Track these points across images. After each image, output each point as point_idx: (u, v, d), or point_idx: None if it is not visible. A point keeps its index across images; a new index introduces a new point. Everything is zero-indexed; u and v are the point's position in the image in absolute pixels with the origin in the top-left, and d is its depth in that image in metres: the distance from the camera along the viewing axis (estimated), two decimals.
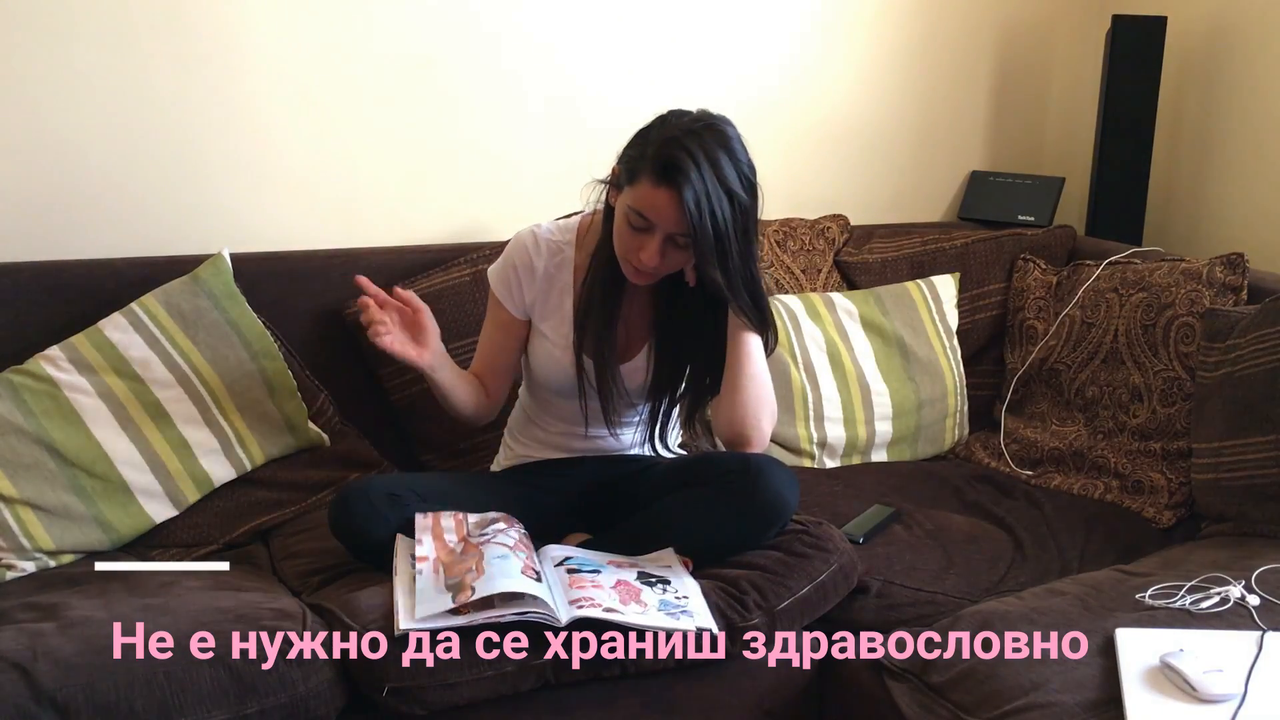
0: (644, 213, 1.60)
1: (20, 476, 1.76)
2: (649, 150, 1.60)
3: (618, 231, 1.67)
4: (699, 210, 1.56)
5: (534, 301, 1.82)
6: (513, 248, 1.82)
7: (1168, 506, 2.05)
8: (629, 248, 1.65)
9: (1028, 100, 2.87)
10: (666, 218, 1.59)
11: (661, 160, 1.57)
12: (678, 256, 1.65)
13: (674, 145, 1.57)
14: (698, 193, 1.56)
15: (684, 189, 1.55)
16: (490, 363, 1.88)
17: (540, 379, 1.85)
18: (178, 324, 1.94)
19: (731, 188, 1.58)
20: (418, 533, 1.61)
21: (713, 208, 1.57)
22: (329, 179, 2.24)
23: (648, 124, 1.66)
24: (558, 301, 1.80)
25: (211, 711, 1.40)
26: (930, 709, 1.50)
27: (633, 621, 1.50)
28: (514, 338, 1.85)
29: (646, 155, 1.60)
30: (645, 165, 1.59)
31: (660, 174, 1.57)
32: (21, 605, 1.58)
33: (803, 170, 2.64)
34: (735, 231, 1.60)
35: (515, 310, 1.83)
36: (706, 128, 1.60)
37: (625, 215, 1.63)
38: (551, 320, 1.81)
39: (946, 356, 2.41)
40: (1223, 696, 1.34)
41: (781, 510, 1.70)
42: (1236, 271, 2.12)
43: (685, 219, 1.57)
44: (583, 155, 2.40)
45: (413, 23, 2.24)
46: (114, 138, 2.07)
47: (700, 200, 1.56)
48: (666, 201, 1.58)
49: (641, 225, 1.62)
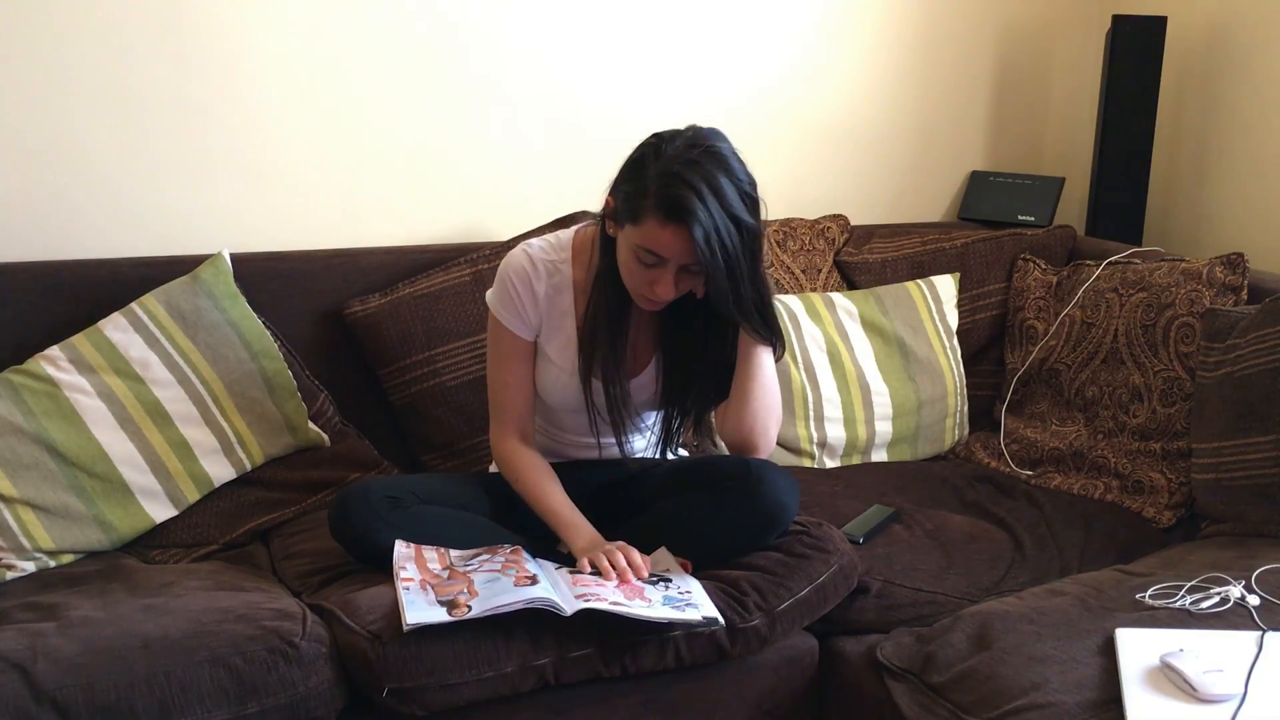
0: (655, 250, 1.58)
1: (20, 476, 1.76)
2: (649, 186, 1.56)
3: (627, 268, 1.64)
4: (710, 246, 1.54)
5: (539, 324, 1.77)
6: (510, 271, 1.76)
7: (1168, 506, 2.05)
8: (641, 283, 1.63)
9: (1028, 100, 2.87)
10: (678, 252, 1.58)
11: (666, 200, 1.54)
12: (691, 281, 1.64)
13: (676, 182, 1.54)
14: (706, 228, 1.53)
15: (693, 227, 1.53)
16: (527, 401, 1.80)
17: (547, 401, 1.82)
18: (178, 324, 1.94)
19: (738, 215, 1.56)
20: (399, 560, 1.59)
21: (722, 240, 1.55)
22: (329, 179, 2.24)
23: (638, 153, 1.61)
24: (559, 323, 1.77)
25: (211, 711, 1.40)
26: (930, 709, 1.50)
27: (639, 614, 1.50)
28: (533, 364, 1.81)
29: (648, 192, 1.56)
30: (648, 204, 1.56)
31: (667, 213, 1.55)
32: (21, 605, 1.58)
33: (803, 170, 2.64)
34: (744, 257, 1.59)
35: (528, 333, 1.77)
36: (704, 153, 1.56)
37: (634, 254, 1.61)
38: (555, 344, 1.78)
39: (946, 356, 2.41)
40: (1223, 696, 1.34)
41: (781, 516, 1.70)
42: (1236, 271, 2.12)
43: (696, 252, 1.55)
44: (582, 156, 2.41)
45: (413, 23, 2.24)
46: (114, 138, 2.07)
47: (710, 235, 1.54)
48: (675, 238, 1.56)
49: (653, 262, 1.60)
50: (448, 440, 2.14)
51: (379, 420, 2.15)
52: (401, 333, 2.11)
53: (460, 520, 1.72)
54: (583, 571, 1.60)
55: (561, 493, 1.75)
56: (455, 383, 2.11)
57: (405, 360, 2.11)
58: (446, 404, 2.12)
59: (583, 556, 1.63)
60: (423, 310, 2.12)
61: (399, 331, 2.11)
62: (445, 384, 2.11)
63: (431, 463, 2.16)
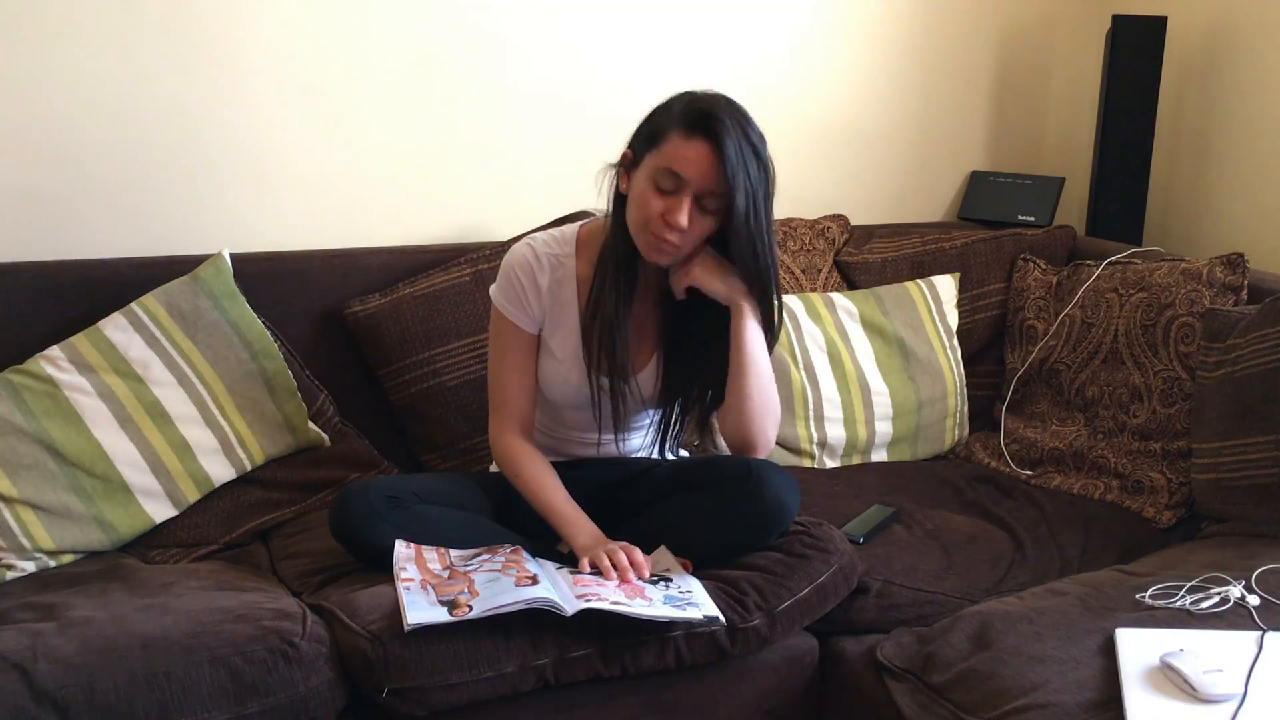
0: (675, 168, 1.57)
1: (20, 476, 1.76)
2: (675, 110, 1.59)
3: (640, 201, 1.62)
4: (737, 160, 1.54)
5: (542, 317, 1.77)
6: (514, 264, 1.76)
7: (1168, 506, 2.05)
8: (655, 215, 1.60)
9: (1028, 100, 2.87)
10: (700, 171, 1.57)
11: (692, 114, 1.56)
12: (703, 224, 1.62)
13: (703, 101, 1.58)
14: (736, 142, 1.55)
15: (723, 137, 1.54)
16: (529, 397, 1.78)
17: (549, 395, 1.82)
18: (178, 324, 1.94)
19: (758, 148, 1.59)
20: (399, 560, 1.58)
21: (745, 162, 1.56)
22: (329, 179, 2.24)
23: (660, 103, 1.65)
24: (562, 316, 1.77)
25: (211, 711, 1.40)
26: (930, 709, 1.50)
27: (640, 613, 1.50)
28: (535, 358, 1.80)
29: (673, 115, 1.59)
30: (672, 122, 1.58)
31: (693, 126, 1.56)
32: (21, 605, 1.58)
33: (803, 170, 2.64)
34: (762, 195, 1.60)
35: (530, 325, 1.77)
36: (726, 98, 1.61)
37: (651, 179, 1.60)
38: (558, 337, 1.77)
39: (946, 356, 2.41)
40: (1223, 696, 1.34)
41: (782, 516, 1.70)
42: (1236, 271, 2.12)
43: (720, 170, 1.55)
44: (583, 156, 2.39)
45: (413, 23, 2.24)
46: (115, 138, 2.07)
47: (738, 151, 1.55)
48: (700, 154, 1.56)
49: (671, 186, 1.59)
50: (448, 440, 2.14)
51: (379, 420, 2.16)
52: (401, 333, 2.11)
53: (460, 520, 1.72)
54: (583, 571, 1.60)
55: (562, 489, 1.75)
56: (455, 383, 2.12)
57: (405, 360, 2.11)
58: (446, 404, 2.12)
59: (584, 555, 1.63)
60: (423, 310, 2.12)
61: (399, 331, 2.11)
62: (445, 384, 2.11)
63: (431, 463, 2.16)
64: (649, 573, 1.61)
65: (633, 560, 1.60)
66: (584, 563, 1.61)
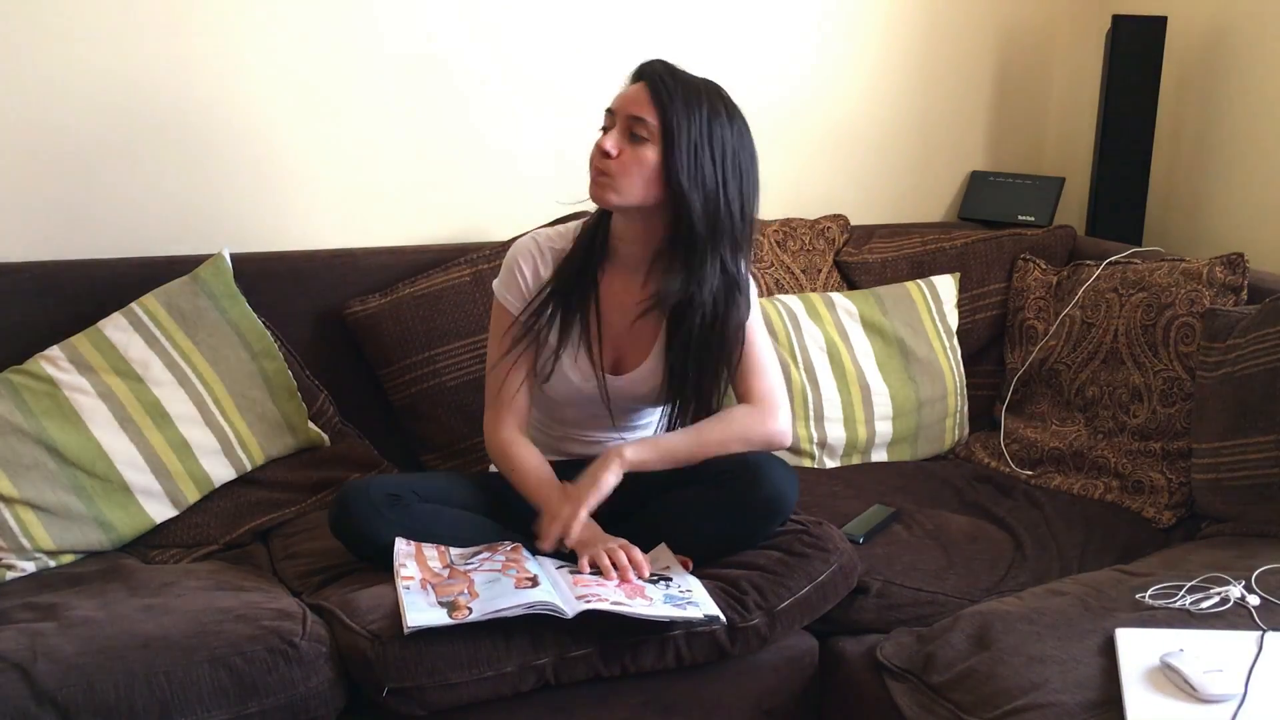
0: (611, 108, 1.67)
1: (20, 476, 1.76)
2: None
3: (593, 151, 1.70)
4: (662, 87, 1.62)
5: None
6: (516, 254, 1.78)
7: (1168, 506, 2.05)
8: (596, 153, 1.68)
9: (1028, 100, 2.87)
10: (624, 100, 1.66)
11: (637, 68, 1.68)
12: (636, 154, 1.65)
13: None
14: (662, 76, 1.63)
15: (650, 72, 1.65)
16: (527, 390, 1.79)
17: (548, 391, 1.82)
18: (178, 324, 1.94)
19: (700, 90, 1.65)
20: (400, 557, 1.59)
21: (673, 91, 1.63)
22: (329, 179, 2.24)
23: None
24: None
25: (211, 711, 1.40)
26: (930, 709, 1.50)
27: (640, 613, 1.49)
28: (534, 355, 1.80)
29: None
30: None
31: (634, 75, 1.68)
32: (21, 605, 1.58)
33: (803, 170, 2.64)
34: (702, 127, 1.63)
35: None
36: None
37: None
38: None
39: (946, 356, 2.41)
40: (1223, 696, 1.34)
41: (781, 506, 1.70)
42: (1236, 271, 2.12)
43: (642, 96, 1.63)
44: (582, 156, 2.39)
45: (413, 23, 2.24)
46: (115, 137, 2.07)
47: (665, 81, 1.63)
48: (630, 89, 1.67)
49: (608, 124, 1.68)
50: (448, 440, 2.14)
51: (379, 420, 2.16)
52: (401, 333, 2.11)
53: (460, 519, 1.72)
54: (583, 571, 1.60)
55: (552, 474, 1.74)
56: (455, 383, 2.12)
57: (405, 360, 2.11)
58: (446, 404, 2.12)
59: (583, 554, 1.63)
60: (423, 310, 2.12)
61: (399, 331, 2.11)
62: (445, 384, 2.11)
63: (431, 463, 2.16)
64: (648, 571, 1.61)
65: (632, 559, 1.60)
66: (583, 562, 1.61)
